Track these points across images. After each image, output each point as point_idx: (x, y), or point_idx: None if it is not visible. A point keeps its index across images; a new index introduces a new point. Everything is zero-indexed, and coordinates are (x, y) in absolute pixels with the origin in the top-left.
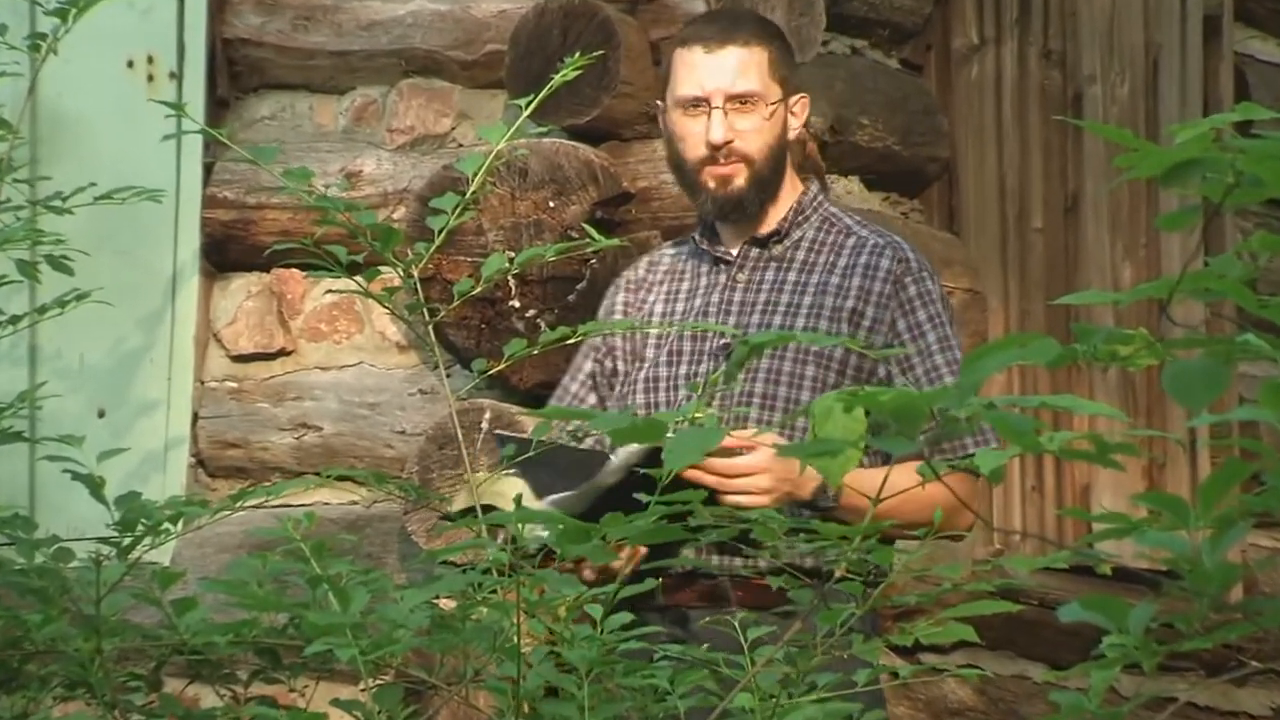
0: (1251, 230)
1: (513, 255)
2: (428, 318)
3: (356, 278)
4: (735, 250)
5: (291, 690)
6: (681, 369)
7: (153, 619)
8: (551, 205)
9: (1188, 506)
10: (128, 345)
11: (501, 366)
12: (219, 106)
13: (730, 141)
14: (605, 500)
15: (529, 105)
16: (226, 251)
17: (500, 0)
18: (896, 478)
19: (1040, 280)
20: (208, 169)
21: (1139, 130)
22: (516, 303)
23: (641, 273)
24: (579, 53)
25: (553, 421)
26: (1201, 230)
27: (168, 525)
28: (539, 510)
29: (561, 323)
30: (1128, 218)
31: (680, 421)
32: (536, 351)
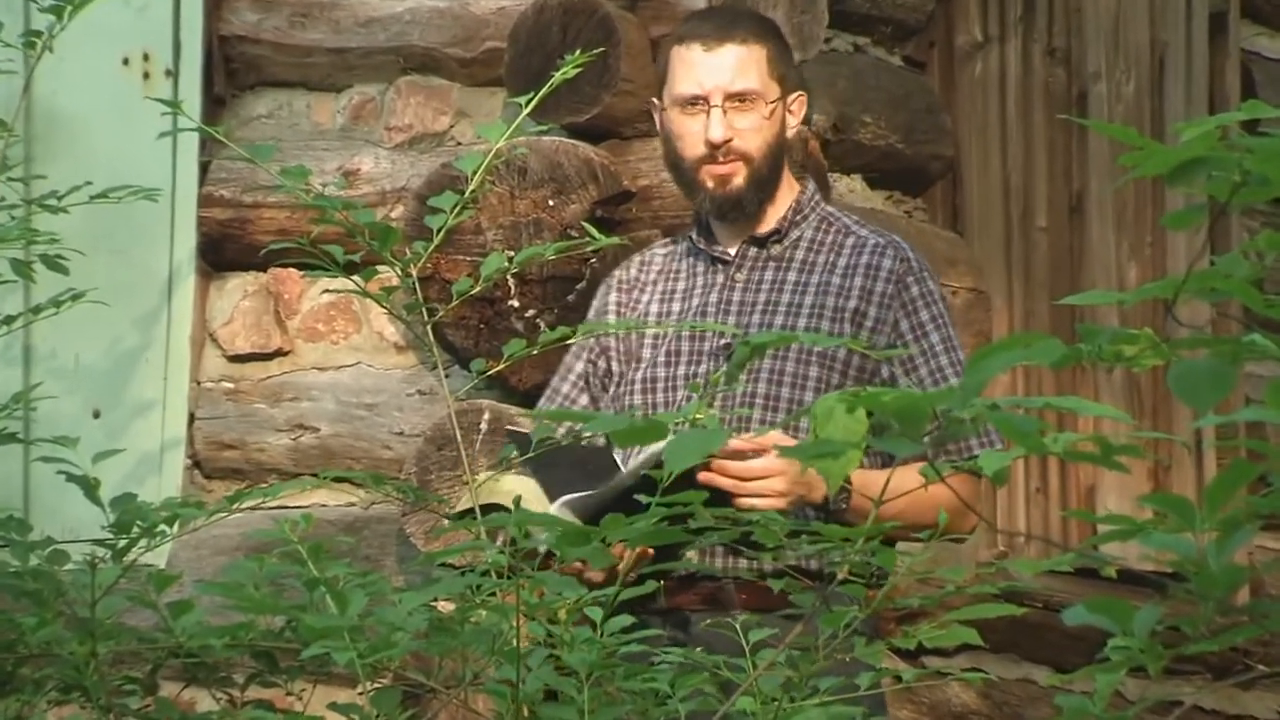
0: (1258, 229)
1: (512, 254)
2: (426, 317)
3: (354, 277)
4: (733, 250)
5: (288, 694)
6: (680, 369)
7: (148, 622)
8: (551, 204)
9: (1193, 508)
10: (123, 345)
11: (500, 367)
12: (215, 104)
13: (729, 140)
14: (622, 500)
15: (528, 103)
16: (223, 251)
17: None
18: (903, 480)
19: (1045, 280)
20: (204, 168)
21: (1144, 129)
22: (516, 302)
23: (634, 273)
24: (579, 50)
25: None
26: (1207, 229)
27: (163, 527)
28: (539, 513)
29: (561, 323)
30: (1133, 217)
31: (681, 422)
32: (536, 352)
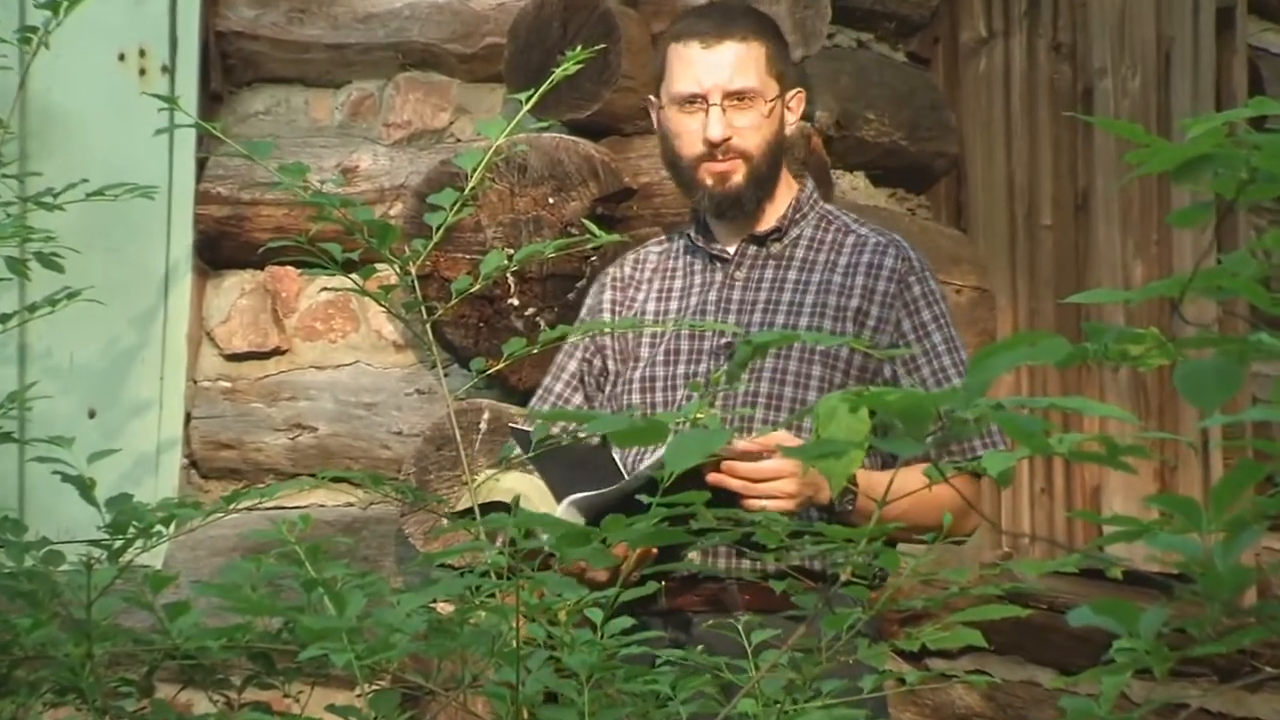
0: (1265, 227)
1: (512, 252)
2: (425, 316)
3: (352, 275)
4: (732, 248)
5: (286, 696)
6: (680, 368)
7: (144, 623)
8: (551, 201)
9: (1200, 509)
10: (119, 344)
11: (500, 366)
12: (212, 101)
13: (728, 139)
14: (631, 501)
15: (528, 99)
16: (220, 248)
17: None
18: (907, 481)
19: (1049, 278)
20: (201, 165)
21: (1150, 125)
22: (515, 301)
23: (628, 270)
24: (579, 46)
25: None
26: (1214, 227)
27: (160, 528)
28: (543, 511)
29: (561, 321)
30: (1139, 214)
31: (682, 422)
32: (536, 350)
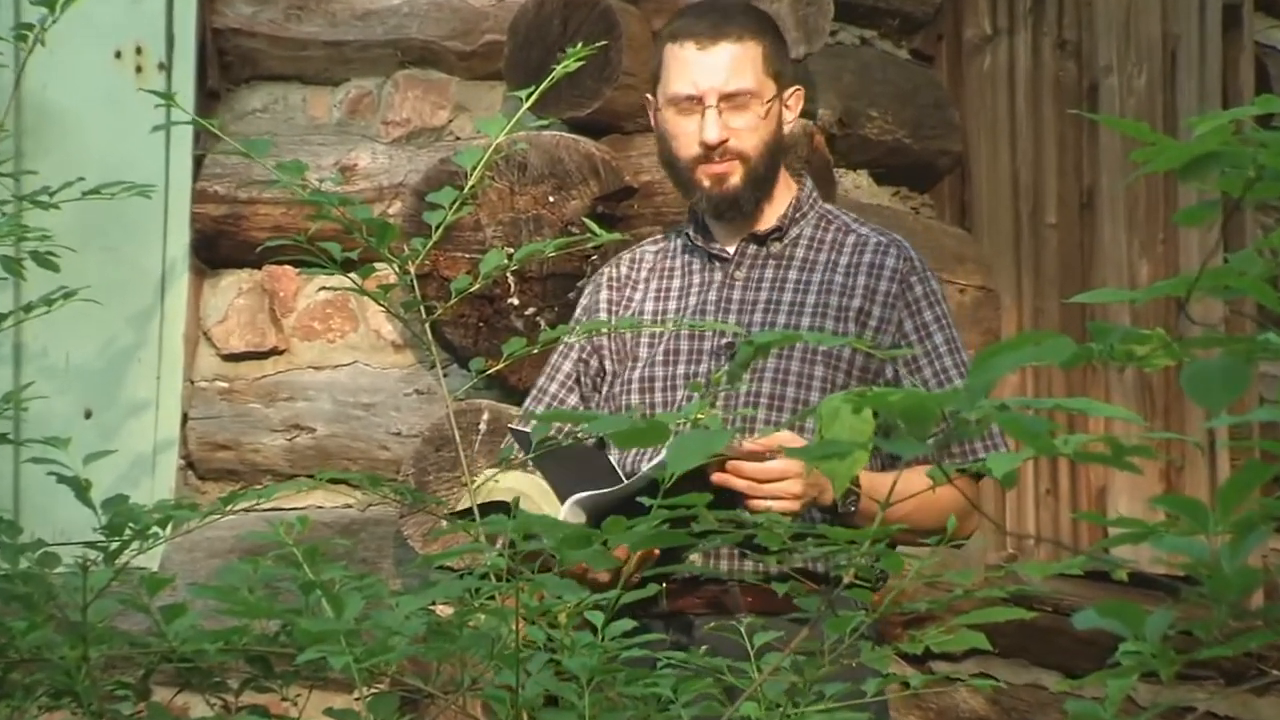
0: (1272, 226)
1: (512, 251)
2: (424, 316)
3: (351, 275)
4: (732, 247)
5: (284, 699)
6: (679, 368)
7: (141, 626)
8: (551, 200)
9: (1206, 510)
10: (116, 344)
11: (500, 366)
12: (209, 98)
13: (725, 141)
14: (636, 501)
15: (529, 97)
16: (217, 247)
17: None
18: (908, 483)
19: (1055, 278)
20: (198, 163)
21: (1156, 123)
22: (515, 300)
23: (624, 270)
24: (580, 43)
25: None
26: (1221, 226)
27: (156, 529)
28: (546, 511)
29: (562, 321)
30: (1145, 213)
31: (683, 422)
32: (536, 350)
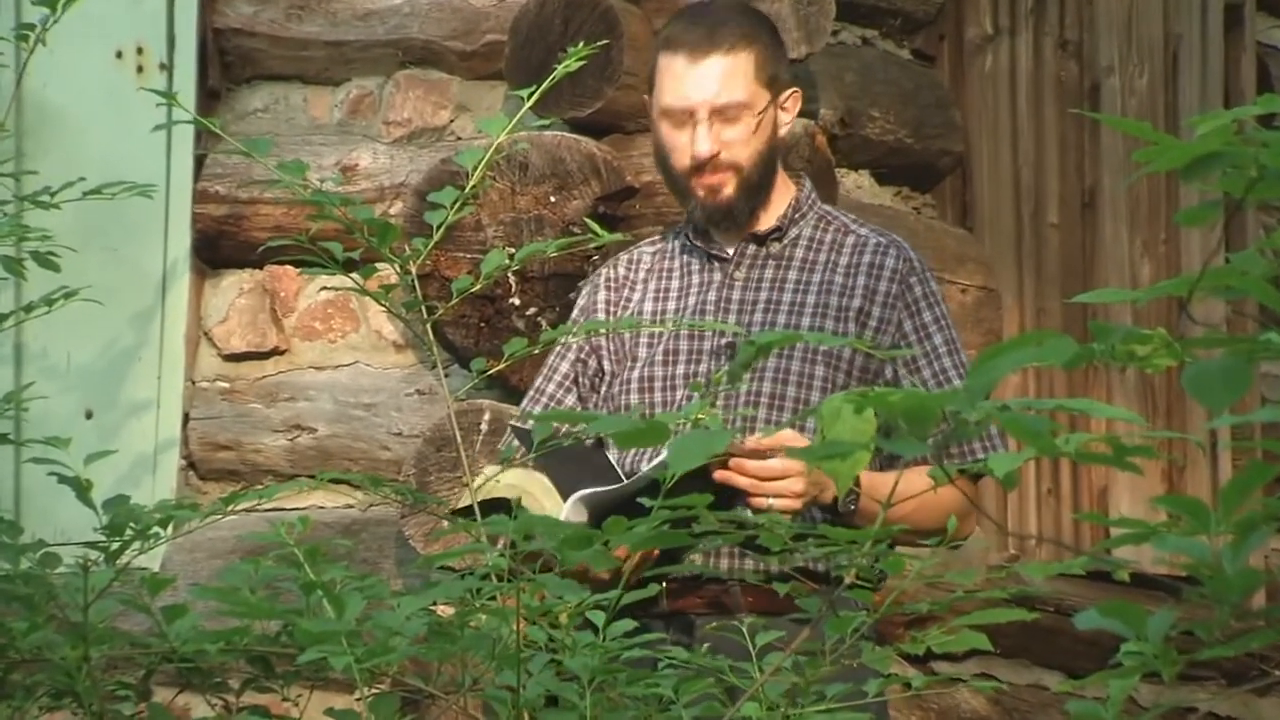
0: (1274, 225)
1: (513, 251)
2: (425, 316)
3: (352, 275)
4: (731, 248)
5: (285, 700)
6: (679, 368)
7: (142, 626)
8: (553, 200)
9: (1208, 510)
10: (117, 344)
11: (501, 366)
12: (210, 98)
13: (717, 154)
14: (632, 508)
15: (530, 97)
16: (218, 248)
17: None
18: (908, 483)
19: (1056, 278)
20: (199, 163)
21: (1158, 123)
22: (517, 300)
23: (622, 271)
24: (581, 43)
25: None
26: (1223, 226)
27: (157, 529)
28: (550, 508)
29: (563, 321)
30: (1146, 213)
31: (684, 422)
32: (537, 351)
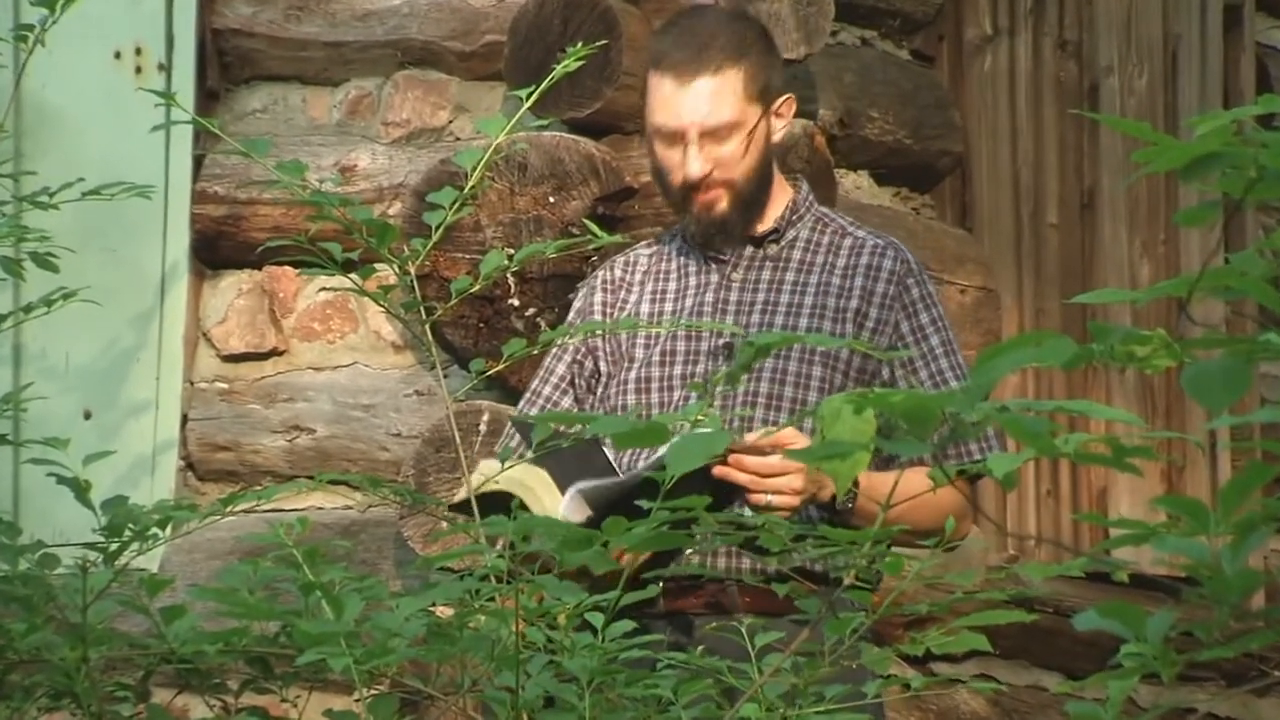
0: (1274, 226)
1: (512, 252)
2: (424, 316)
3: (351, 275)
4: (728, 250)
5: (283, 701)
6: (676, 369)
7: (140, 627)
8: (552, 200)
9: (1207, 511)
10: (115, 345)
11: (500, 367)
12: (209, 99)
13: (710, 173)
14: (638, 494)
15: (529, 97)
16: (217, 248)
17: None
18: (907, 483)
19: (1055, 278)
20: (197, 163)
21: (1157, 123)
22: (516, 301)
23: (618, 273)
24: (580, 43)
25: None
26: (1222, 226)
27: (156, 530)
28: (550, 502)
29: (562, 322)
30: (1146, 214)
31: (683, 423)
32: (536, 351)
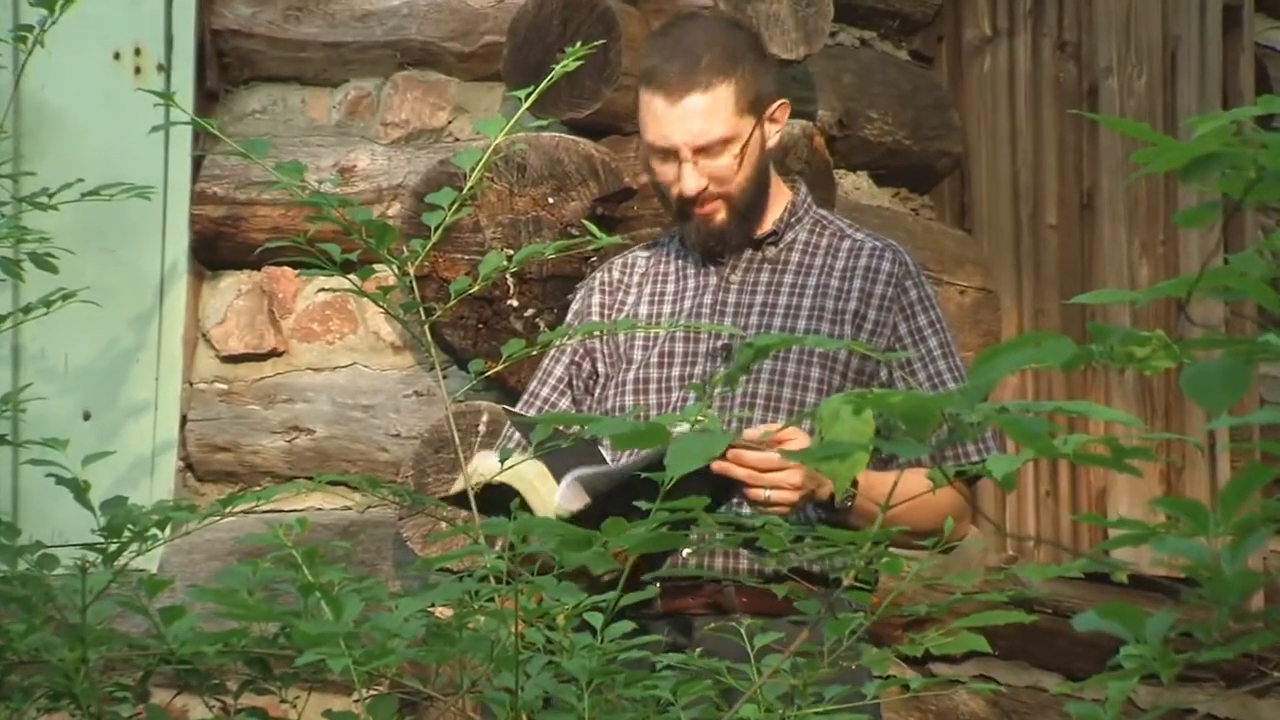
0: (1273, 226)
1: (511, 253)
2: (424, 317)
3: (350, 276)
4: (727, 252)
5: (283, 701)
6: (674, 370)
7: (140, 628)
8: (551, 201)
9: (1207, 512)
10: (115, 346)
11: (499, 367)
12: (208, 99)
13: (705, 188)
14: (634, 483)
15: (528, 98)
16: (216, 249)
17: None
18: (905, 484)
19: (1055, 279)
20: (196, 164)
21: (1156, 124)
22: (515, 302)
23: (616, 275)
24: (579, 43)
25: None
26: (1221, 227)
27: (155, 531)
28: (547, 496)
29: (561, 322)
30: (1145, 214)
31: (681, 424)
32: (535, 352)
